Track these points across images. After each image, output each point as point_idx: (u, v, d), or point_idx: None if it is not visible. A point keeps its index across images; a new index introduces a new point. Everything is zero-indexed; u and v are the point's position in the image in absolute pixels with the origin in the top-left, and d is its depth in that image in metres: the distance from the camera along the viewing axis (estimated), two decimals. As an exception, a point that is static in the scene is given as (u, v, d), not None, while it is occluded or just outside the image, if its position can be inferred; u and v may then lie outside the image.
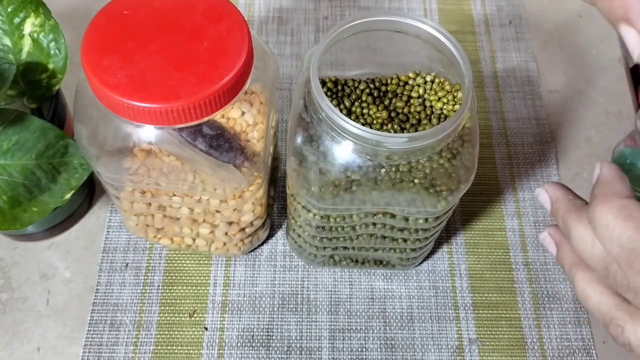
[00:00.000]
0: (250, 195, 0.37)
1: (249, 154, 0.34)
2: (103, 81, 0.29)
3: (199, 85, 0.29)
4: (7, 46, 0.40)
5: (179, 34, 0.31)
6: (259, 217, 0.40)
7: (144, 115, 0.29)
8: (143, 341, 0.42)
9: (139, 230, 0.41)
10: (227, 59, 0.30)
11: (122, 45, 0.30)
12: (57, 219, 0.44)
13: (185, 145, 0.32)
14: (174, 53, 0.30)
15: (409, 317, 0.43)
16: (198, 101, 0.29)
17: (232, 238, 0.40)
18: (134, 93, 0.29)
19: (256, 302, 0.43)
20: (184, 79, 0.29)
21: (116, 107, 0.29)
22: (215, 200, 0.37)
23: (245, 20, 0.31)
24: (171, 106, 0.29)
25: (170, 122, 0.30)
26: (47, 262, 0.44)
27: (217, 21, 0.31)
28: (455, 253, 0.45)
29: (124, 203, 0.39)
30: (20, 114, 0.38)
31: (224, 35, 0.31)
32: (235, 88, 0.30)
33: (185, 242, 0.42)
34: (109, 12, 0.31)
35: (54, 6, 0.41)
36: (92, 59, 0.30)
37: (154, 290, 0.43)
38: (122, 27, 0.31)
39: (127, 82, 0.29)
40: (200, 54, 0.30)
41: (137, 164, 0.34)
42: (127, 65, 0.29)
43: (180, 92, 0.29)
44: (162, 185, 0.36)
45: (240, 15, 0.31)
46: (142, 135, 0.32)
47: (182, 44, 0.30)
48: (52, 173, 0.39)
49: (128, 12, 0.31)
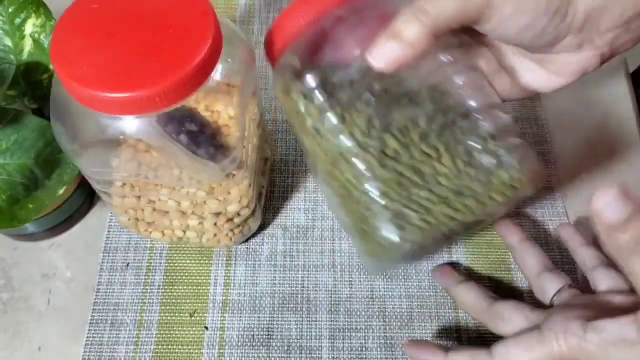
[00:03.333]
0: (233, 186, 0.38)
1: (225, 147, 0.34)
2: (70, 74, 0.29)
3: (162, 72, 0.29)
4: (8, 46, 0.40)
5: (146, 23, 0.31)
6: (246, 206, 0.40)
7: (111, 105, 0.29)
8: (144, 340, 0.42)
9: (131, 224, 0.42)
10: (192, 45, 0.30)
11: (89, 38, 0.30)
12: (57, 218, 0.44)
13: (161, 136, 0.32)
14: (139, 42, 0.30)
15: (409, 317, 0.43)
16: (163, 88, 0.29)
17: (222, 229, 0.41)
18: (99, 83, 0.29)
19: (256, 302, 0.43)
20: (149, 66, 0.29)
21: (84, 98, 0.30)
22: (201, 192, 0.37)
23: (212, 6, 0.32)
24: (135, 94, 0.29)
25: (139, 111, 0.30)
26: (48, 262, 0.44)
27: (183, 9, 0.31)
28: (455, 253, 0.45)
29: (114, 199, 0.39)
30: (19, 113, 0.38)
31: (189, 23, 0.31)
32: (201, 73, 0.30)
33: (175, 234, 0.42)
34: (78, 6, 0.32)
35: (54, 7, 0.42)
36: (59, 53, 0.30)
37: (155, 290, 0.43)
38: (90, 20, 0.31)
39: (93, 72, 0.29)
40: (166, 42, 0.30)
41: (117, 157, 0.34)
42: (93, 56, 0.30)
43: (145, 80, 0.29)
44: (148, 178, 0.36)
45: (207, 3, 0.32)
46: (117, 127, 0.32)
47: (148, 33, 0.31)
48: (48, 170, 0.39)
49: (97, 5, 0.31)
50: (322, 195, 0.47)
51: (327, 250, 0.45)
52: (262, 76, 0.53)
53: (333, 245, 0.46)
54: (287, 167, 0.49)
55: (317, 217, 0.47)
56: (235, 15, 0.57)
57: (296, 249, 0.45)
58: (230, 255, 0.45)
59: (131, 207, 0.39)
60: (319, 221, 0.47)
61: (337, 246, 0.45)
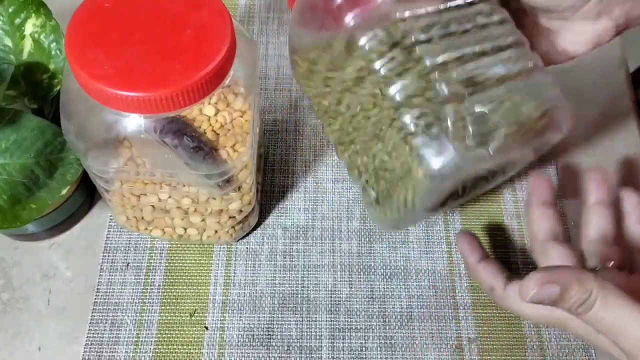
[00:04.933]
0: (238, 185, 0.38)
1: (222, 163, 0.35)
2: (91, 74, 0.29)
3: (185, 72, 0.29)
4: (8, 47, 0.40)
5: (162, 23, 0.31)
6: (248, 204, 0.40)
7: (133, 104, 0.29)
8: (144, 340, 0.42)
9: (130, 223, 0.42)
10: (211, 45, 0.30)
11: (106, 37, 0.30)
12: (58, 218, 0.44)
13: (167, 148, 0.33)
14: (158, 42, 0.30)
15: (409, 317, 0.43)
16: (186, 87, 0.29)
17: (224, 226, 0.41)
18: (122, 83, 0.29)
19: (256, 302, 0.43)
20: (171, 67, 0.30)
21: (105, 98, 0.30)
22: (204, 191, 0.37)
23: (226, 7, 0.32)
24: (159, 94, 0.29)
25: (160, 110, 0.30)
26: (48, 262, 0.44)
27: (198, 9, 0.31)
28: (455, 253, 0.45)
29: (114, 197, 0.39)
30: (18, 113, 0.38)
31: (206, 23, 0.31)
32: (220, 73, 0.31)
33: (176, 232, 0.42)
34: (90, 5, 0.32)
35: (55, 7, 0.42)
36: (77, 52, 0.30)
37: (155, 290, 0.43)
38: (105, 19, 0.31)
39: (115, 73, 0.29)
40: (184, 42, 0.30)
41: (128, 155, 0.34)
42: (113, 56, 0.30)
43: (168, 80, 0.29)
44: (156, 176, 0.36)
45: (220, 3, 0.32)
46: (130, 126, 0.32)
47: (166, 33, 0.31)
48: (50, 170, 0.39)
49: (109, 5, 0.31)
50: (323, 195, 0.48)
51: (327, 250, 0.45)
52: (261, 76, 0.53)
53: (333, 245, 0.46)
54: (287, 167, 0.49)
55: (317, 217, 0.47)
56: (235, 15, 0.57)
57: (296, 249, 0.45)
58: (230, 255, 0.45)
59: (131, 205, 0.39)
60: (319, 221, 0.47)
61: (337, 246, 0.46)
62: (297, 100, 0.52)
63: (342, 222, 0.47)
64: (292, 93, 0.52)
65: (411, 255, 0.45)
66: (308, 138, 0.50)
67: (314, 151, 0.50)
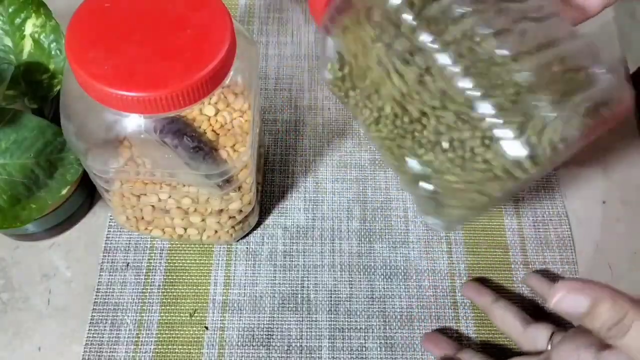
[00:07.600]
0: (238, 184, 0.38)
1: (222, 164, 0.35)
2: (90, 73, 0.29)
3: (185, 72, 0.29)
4: (8, 47, 0.40)
5: (162, 23, 0.31)
6: (248, 204, 0.40)
7: (133, 104, 0.29)
8: (144, 340, 0.42)
9: (130, 223, 0.42)
10: (211, 45, 0.30)
11: (106, 37, 0.30)
12: (58, 218, 0.44)
13: (168, 148, 0.33)
14: (158, 42, 0.30)
15: (409, 317, 0.43)
16: (186, 87, 0.29)
17: (224, 226, 0.41)
18: (122, 83, 0.29)
19: (256, 302, 0.43)
20: (171, 67, 0.30)
21: (105, 98, 0.30)
22: (204, 191, 0.37)
23: (225, 6, 0.32)
24: (159, 94, 0.29)
25: (160, 110, 0.30)
26: (48, 262, 0.44)
27: (198, 9, 0.31)
28: (455, 253, 0.45)
29: (114, 197, 0.39)
30: (18, 113, 0.38)
31: (206, 23, 0.31)
32: (220, 73, 0.31)
33: (176, 232, 0.42)
34: (90, 5, 0.32)
35: (55, 7, 0.42)
36: (77, 52, 0.30)
37: (155, 290, 0.43)
38: (105, 19, 0.31)
39: (115, 73, 0.29)
40: (184, 42, 0.30)
41: (128, 155, 0.35)
42: (113, 56, 0.30)
43: (168, 80, 0.29)
44: (156, 176, 0.36)
45: (220, 3, 0.32)
46: (130, 126, 0.32)
47: (166, 33, 0.31)
48: (50, 170, 0.39)
49: (109, 5, 0.31)
50: (323, 195, 0.48)
51: (327, 250, 0.45)
52: (261, 76, 0.53)
53: (333, 245, 0.46)
54: (287, 167, 0.49)
55: (317, 217, 0.47)
56: (235, 15, 0.57)
57: (296, 249, 0.45)
58: (230, 255, 0.45)
59: (131, 205, 0.39)
60: (319, 221, 0.47)
61: (337, 246, 0.46)
62: (297, 100, 0.52)
63: (342, 222, 0.47)
64: (292, 93, 0.52)
65: (411, 255, 0.45)
66: (308, 138, 0.50)
67: (314, 151, 0.50)
